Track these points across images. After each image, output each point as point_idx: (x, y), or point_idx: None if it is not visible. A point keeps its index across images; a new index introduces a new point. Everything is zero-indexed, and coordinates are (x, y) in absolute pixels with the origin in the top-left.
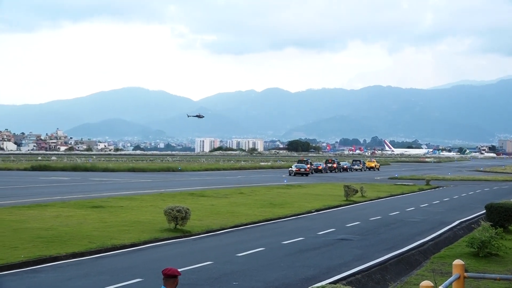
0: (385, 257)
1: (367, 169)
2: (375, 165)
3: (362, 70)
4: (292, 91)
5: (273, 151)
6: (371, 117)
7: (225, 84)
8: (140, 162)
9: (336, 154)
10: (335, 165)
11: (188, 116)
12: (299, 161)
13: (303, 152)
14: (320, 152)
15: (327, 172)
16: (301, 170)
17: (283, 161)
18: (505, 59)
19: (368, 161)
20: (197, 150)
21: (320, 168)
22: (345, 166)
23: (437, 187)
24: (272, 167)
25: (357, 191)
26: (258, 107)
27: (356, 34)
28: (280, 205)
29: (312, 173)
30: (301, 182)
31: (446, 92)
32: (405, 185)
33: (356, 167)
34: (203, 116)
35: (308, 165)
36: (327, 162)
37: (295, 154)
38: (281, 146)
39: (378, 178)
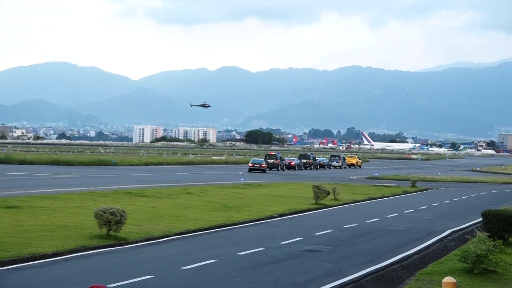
0: (361, 273)
1: (348, 166)
2: (357, 162)
3: (337, 48)
4: (253, 70)
5: (228, 143)
6: (347, 104)
7: (171, 61)
8: (66, 153)
9: (304, 148)
10: (310, 161)
11: (192, 106)
12: (267, 156)
13: (264, 145)
14: (285, 145)
15: (301, 169)
16: (255, 165)
17: (240, 155)
18: (508, 37)
19: (349, 157)
20: (136, 140)
21: (292, 164)
22: (322, 163)
23: (425, 189)
24: (226, 162)
25: (328, 193)
26: (211, 90)
27: (332, 3)
28: (236, 208)
29: (283, 169)
30: (262, 181)
31: (437, 75)
32: (386, 186)
33: (335, 163)
34: (209, 106)
35: (278, 160)
36: (301, 157)
37: (255, 147)
38: (238, 137)
39: (354, 177)
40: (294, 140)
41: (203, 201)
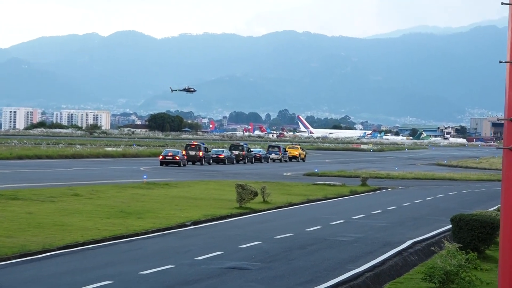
0: None
1: (289, 159)
2: (299, 154)
3: (266, 8)
4: (158, 36)
5: (126, 130)
6: (279, 80)
7: (51, 25)
8: None
9: (224, 136)
10: (244, 153)
11: (172, 91)
12: (188, 146)
13: (173, 132)
14: (200, 132)
15: (232, 163)
16: (167, 158)
17: (141, 145)
18: None
19: (290, 148)
20: (6, 126)
21: (221, 156)
22: (258, 155)
23: (378, 188)
24: (124, 155)
25: (256, 194)
26: (104, 61)
27: None
28: (137, 215)
29: (209, 163)
30: (171, 179)
31: (393, 43)
32: (329, 185)
33: (273, 156)
34: (195, 90)
35: (201, 152)
36: (232, 148)
37: (161, 135)
38: (139, 122)
39: (288, 174)
40: (211, 126)
41: (94, 205)
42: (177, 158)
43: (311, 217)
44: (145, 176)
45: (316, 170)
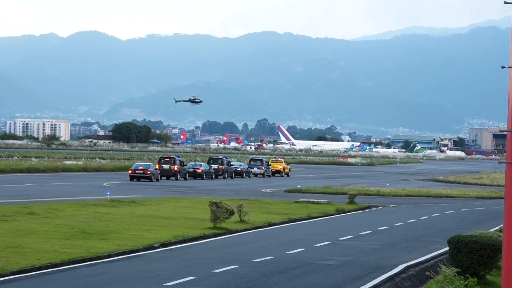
0: None
1: (272, 174)
2: (284, 168)
3: (244, 7)
4: (123, 37)
5: (87, 141)
6: (258, 87)
7: (4, 25)
8: None
9: (196, 148)
10: (224, 167)
11: (176, 102)
12: (162, 159)
13: (140, 144)
14: (169, 144)
15: (211, 178)
16: (137, 172)
17: (104, 158)
18: None
19: (274, 162)
20: None
21: (199, 170)
22: (239, 169)
23: (368, 207)
24: (85, 169)
25: (232, 213)
26: (63, 65)
27: None
28: (100, 235)
29: (185, 178)
30: (138, 196)
31: (385, 46)
32: (313, 202)
33: (256, 170)
34: (201, 101)
35: (176, 166)
36: (211, 161)
37: (126, 146)
38: (102, 133)
39: (267, 190)
40: (182, 137)
41: (52, 225)
42: (148, 172)
43: (293, 238)
44: (108, 193)
45: (298, 186)
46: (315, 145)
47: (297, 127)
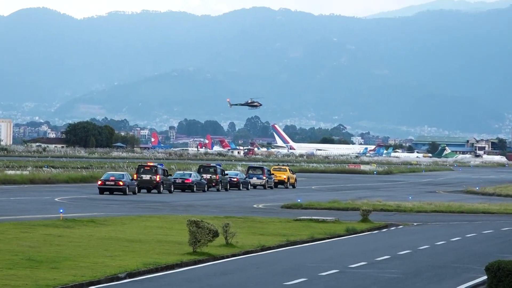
0: None
1: (274, 184)
2: (288, 178)
3: None
4: (78, 16)
5: (34, 145)
6: (246, 76)
7: None
8: None
9: (170, 154)
10: (217, 177)
11: (231, 105)
12: (141, 168)
13: (100, 149)
14: (138, 148)
15: (203, 191)
16: (107, 184)
17: (56, 167)
18: None
19: (276, 170)
20: None
21: (188, 181)
22: (235, 179)
23: (385, 226)
24: (32, 181)
25: (216, 234)
26: (3, 51)
27: None
28: (52, 263)
29: (170, 191)
30: (98, 214)
31: (404, 25)
32: (317, 221)
33: (255, 180)
34: (260, 104)
35: (158, 176)
36: (201, 170)
37: (83, 152)
38: (53, 135)
39: (260, 206)
40: (152, 139)
41: None
42: (121, 183)
43: (292, 265)
44: (61, 210)
45: (299, 201)
46: (319, 149)
47: (297, 127)
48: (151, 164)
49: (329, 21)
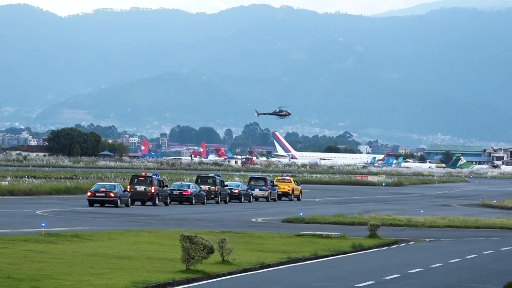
0: None
1: (278, 196)
2: (293, 190)
3: None
4: (62, 13)
5: (14, 153)
6: (245, 80)
7: None
8: None
9: (162, 163)
10: (216, 189)
11: (258, 115)
12: (135, 179)
13: (86, 158)
14: (127, 157)
15: (202, 203)
16: (97, 195)
17: (38, 177)
18: None
19: (279, 181)
20: None
21: (187, 193)
22: (236, 191)
23: (395, 242)
24: (12, 192)
25: (212, 250)
26: None
27: None
28: (32, 282)
29: (166, 203)
30: (83, 228)
31: (416, 24)
32: (321, 236)
33: (258, 192)
34: (289, 114)
35: (154, 188)
36: (199, 181)
37: (67, 161)
38: (34, 142)
39: (259, 220)
40: (142, 147)
41: None
42: (112, 195)
43: (293, 285)
44: (43, 224)
45: (301, 214)
46: (323, 159)
47: (299, 134)
48: (146, 174)
49: (335, 20)
